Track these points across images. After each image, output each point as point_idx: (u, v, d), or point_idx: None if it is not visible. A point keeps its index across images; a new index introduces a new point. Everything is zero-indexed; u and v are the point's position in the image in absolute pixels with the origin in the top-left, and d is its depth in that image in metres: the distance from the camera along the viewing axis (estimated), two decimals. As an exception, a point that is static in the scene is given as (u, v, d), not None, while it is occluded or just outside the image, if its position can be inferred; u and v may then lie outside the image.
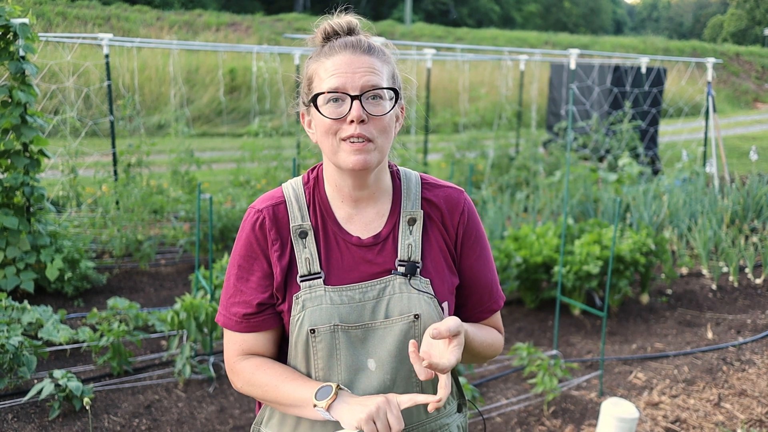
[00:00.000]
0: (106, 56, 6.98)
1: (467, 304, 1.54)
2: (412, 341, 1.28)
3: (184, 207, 6.69)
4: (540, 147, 10.47)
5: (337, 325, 1.38)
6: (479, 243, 1.52)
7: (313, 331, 1.38)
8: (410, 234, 1.45)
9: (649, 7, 69.50)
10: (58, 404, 3.41)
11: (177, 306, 3.88)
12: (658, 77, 11.18)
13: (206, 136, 14.18)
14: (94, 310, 4.29)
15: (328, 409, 1.32)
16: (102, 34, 6.96)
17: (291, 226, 1.44)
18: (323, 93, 1.36)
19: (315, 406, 1.33)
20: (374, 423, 1.26)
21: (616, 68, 10.90)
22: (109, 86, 7.03)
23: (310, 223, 1.44)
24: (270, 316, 1.45)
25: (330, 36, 1.42)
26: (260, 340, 1.47)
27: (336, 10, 1.45)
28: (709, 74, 9.66)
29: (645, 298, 5.46)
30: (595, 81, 10.94)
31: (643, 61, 10.83)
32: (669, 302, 5.52)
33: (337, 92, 1.34)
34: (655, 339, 4.78)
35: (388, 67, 1.41)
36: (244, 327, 1.45)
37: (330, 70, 1.36)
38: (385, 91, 1.37)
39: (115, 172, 6.90)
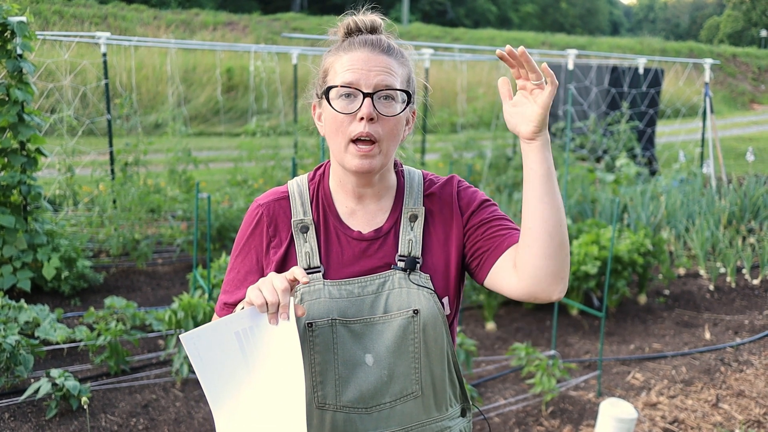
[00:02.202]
0: (104, 55, 6.95)
1: (503, 241, 1.42)
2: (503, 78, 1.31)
3: (182, 206, 6.67)
4: (538, 147, 10.44)
5: (335, 319, 1.38)
6: (486, 206, 1.47)
7: (310, 325, 1.37)
8: (411, 230, 1.45)
9: (645, 8, 69.58)
10: (55, 403, 3.40)
11: (174, 305, 3.87)
12: (655, 78, 11.19)
13: (203, 136, 14.15)
14: (91, 309, 4.28)
15: None
16: (99, 32, 6.93)
17: (292, 220, 1.44)
18: (336, 86, 1.35)
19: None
20: (259, 290, 1.24)
21: (614, 69, 10.92)
22: (106, 85, 7.01)
23: (311, 217, 1.45)
24: None
25: (352, 32, 1.42)
26: None
27: (344, 10, 1.44)
28: (707, 75, 9.67)
29: (643, 299, 5.46)
30: (593, 81, 10.95)
31: (641, 62, 10.84)
32: (666, 303, 5.52)
33: (350, 87, 1.34)
34: (652, 339, 4.79)
35: (405, 70, 1.41)
36: (224, 314, 1.46)
37: (346, 65, 1.36)
38: (397, 92, 1.37)
39: (112, 171, 6.88)
